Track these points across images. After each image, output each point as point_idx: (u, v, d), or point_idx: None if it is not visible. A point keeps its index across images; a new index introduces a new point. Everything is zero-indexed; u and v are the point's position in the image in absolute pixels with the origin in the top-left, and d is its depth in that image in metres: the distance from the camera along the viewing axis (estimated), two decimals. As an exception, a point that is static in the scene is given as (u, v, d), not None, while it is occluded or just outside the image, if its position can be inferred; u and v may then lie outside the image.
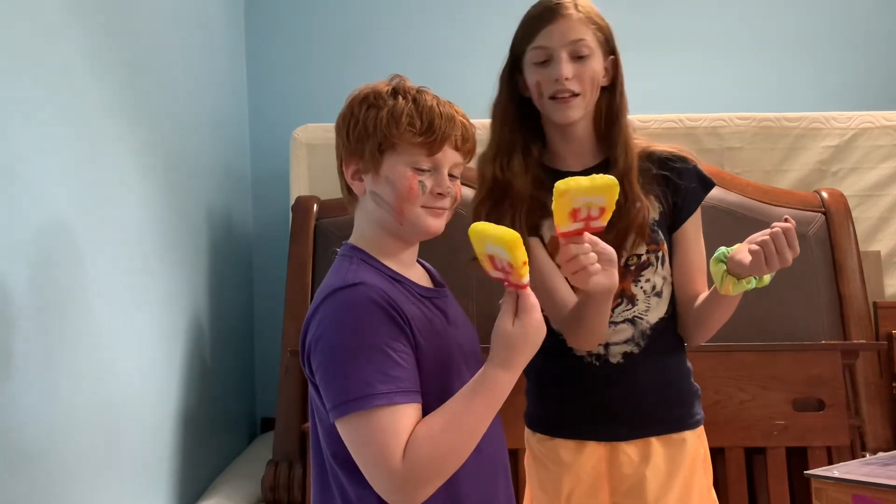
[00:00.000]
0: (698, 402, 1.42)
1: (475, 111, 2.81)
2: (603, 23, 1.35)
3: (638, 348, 1.36)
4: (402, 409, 0.97)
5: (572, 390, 1.37)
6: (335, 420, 0.99)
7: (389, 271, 1.08)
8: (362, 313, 0.99)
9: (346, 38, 2.68)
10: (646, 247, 1.35)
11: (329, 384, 0.99)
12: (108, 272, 1.48)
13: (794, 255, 1.19)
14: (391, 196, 1.06)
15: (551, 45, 1.31)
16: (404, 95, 1.07)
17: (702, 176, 1.40)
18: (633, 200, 1.32)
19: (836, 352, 2.06)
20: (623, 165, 1.33)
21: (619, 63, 1.37)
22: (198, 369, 1.99)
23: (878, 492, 1.26)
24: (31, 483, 1.19)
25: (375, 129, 1.05)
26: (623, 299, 1.35)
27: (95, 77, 1.48)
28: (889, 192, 2.41)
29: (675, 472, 1.34)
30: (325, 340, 1.00)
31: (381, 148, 1.05)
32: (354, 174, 1.09)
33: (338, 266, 1.09)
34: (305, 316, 1.06)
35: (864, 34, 2.67)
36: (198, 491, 1.97)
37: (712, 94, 2.63)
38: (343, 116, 1.10)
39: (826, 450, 2.01)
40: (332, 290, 1.02)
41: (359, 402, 0.95)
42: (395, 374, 0.97)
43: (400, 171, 1.06)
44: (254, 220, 2.63)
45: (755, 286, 1.24)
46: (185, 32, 2.06)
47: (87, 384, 1.38)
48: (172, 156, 1.88)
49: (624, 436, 1.35)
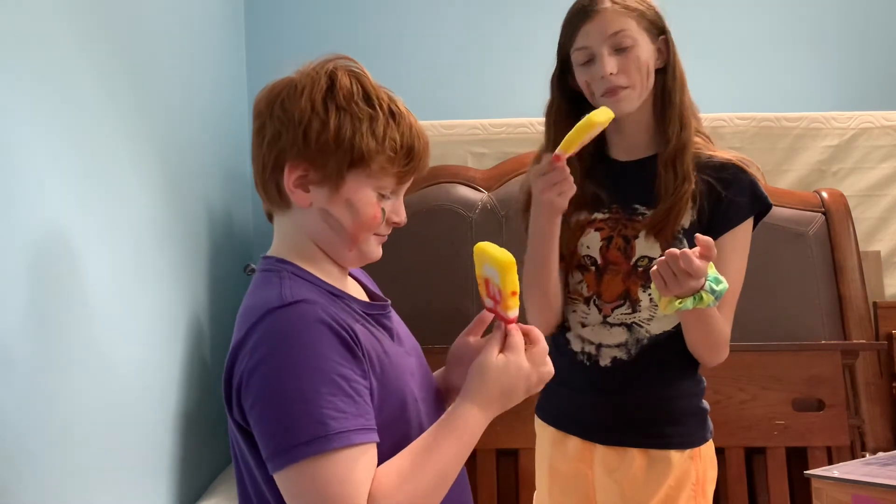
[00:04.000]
0: (699, 424, 1.35)
1: (475, 111, 2.80)
2: (644, 6, 1.31)
3: (628, 356, 1.33)
4: (361, 451, 0.80)
5: (564, 386, 1.36)
6: (274, 472, 0.81)
7: (327, 286, 0.93)
8: (307, 337, 0.82)
9: (347, 39, 2.68)
10: (660, 251, 1.29)
11: (268, 426, 0.81)
12: (107, 272, 1.48)
13: (695, 280, 1.09)
14: (349, 221, 0.93)
15: (591, 43, 1.30)
16: (379, 104, 0.92)
17: (756, 191, 1.29)
18: (683, 179, 1.27)
19: (836, 352, 2.07)
20: (676, 142, 1.29)
21: (669, 42, 1.33)
22: (198, 369, 1.99)
23: (878, 492, 1.26)
24: (31, 483, 1.19)
25: (351, 144, 0.89)
26: (626, 301, 1.32)
27: (95, 77, 1.48)
28: (889, 192, 2.41)
29: (656, 489, 1.30)
30: (261, 372, 0.81)
31: (350, 165, 0.90)
32: (299, 181, 0.91)
33: (263, 283, 0.92)
34: (231, 344, 0.87)
35: (864, 34, 2.67)
36: (198, 491, 1.96)
37: (712, 94, 2.63)
38: (296, 109, 0.90)
39: (826, 450, 2.02)
40: (267, 310, 0.84)
41: (308, 447, 0.78)
42: (347, 410, 0.80)
43: (366, 197, 0.92)
44: (254, 220, 2.62)
45: (695, 306, 1.13)
46: (185, 32, 2.06)
47: (87, 384, 1.38)
48: (172, 156, 1.88)
49: (602, 439, 1.35)
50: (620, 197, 1.36)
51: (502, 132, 2.45)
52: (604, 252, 1.34)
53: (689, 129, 1.30)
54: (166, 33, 1.90)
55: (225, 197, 2.33)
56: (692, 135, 1.31)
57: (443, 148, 2.42)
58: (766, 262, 2.21)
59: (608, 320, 1.34)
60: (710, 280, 1.11)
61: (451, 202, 2.31)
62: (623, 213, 1.34)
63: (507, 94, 2.59)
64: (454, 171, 2.37)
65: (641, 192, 1.33)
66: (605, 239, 1.35)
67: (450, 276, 2.21)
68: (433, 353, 1.97)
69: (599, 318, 1.35)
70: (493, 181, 2.34)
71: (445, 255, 2.25)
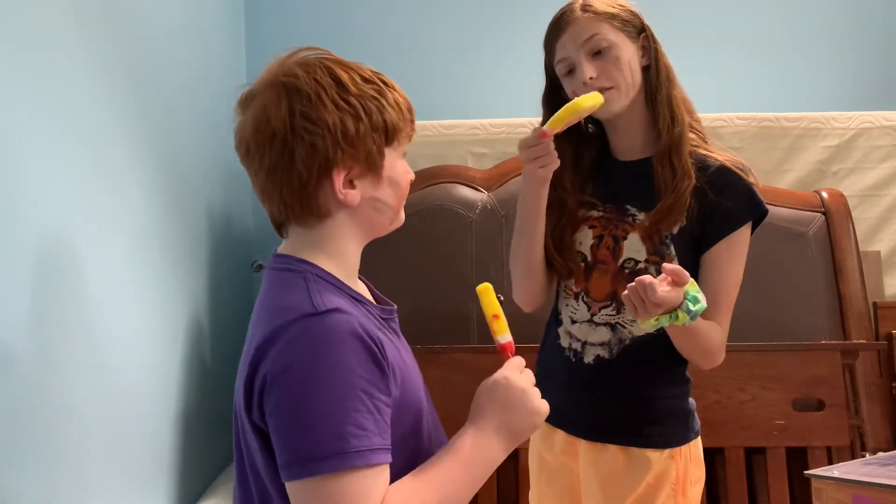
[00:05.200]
0: (680, 424, 1.34)
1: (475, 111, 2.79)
2: (618, 9, 1.32)
3: (610, 355, 1.34)
4: (378, 472, 0.80)
5: (551, 380, 1.39)
6: (289, 480, 0.80)
7: (349, 290, 0.91)
8: (341, 349, 0.80)
9: (347, 39, 2.68)
10: (646, 254, 1.31)
11: (288, 434, 0.80)
12: (107, 272, 1.48)
13: (662, 308, 1.12)
14: (393, 197, 0.94)
15: (568, 53, 1.32)
16: (373, 78, 0.92)
17: (753, 198, 1.27)
18: (683, 175, 1.26)
19: (836, 352, 2.07)
20: (668, 137, 1.29)
21: (651, 38, 1.33)
22: (198, 369, 1.99)
23: (878, 492, 1.26)
24: (32, 482, 1.19)
25: (384, 123, 0.90)
26: (612, 302, 1.34)
27: (95, 77, 1.48)
28: (889, 192, 2.41)
29: (634, 486, 1.31)
30: (290, 378, 0.80)
31: (387, 143, 0.91)
32: (346, 182, 0.90)
33: (286, 283, 0.89)
34: (254, 342, 0.85)
35: (864, 34, 2.67)
36: (198, 491, 1.96)
37: (712, 94, 2.63)
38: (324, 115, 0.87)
39: (826, 450, 2.02)
40: (300, 315, 0.82)
41: (328, 462, 0.77)
42: (369, 428, 0.79)
43: (400, 167, 0.94)
44: (254, 220, 2.62)
45: (671, 324, 1.15)
46: (185, 32, 2.06)
47: (87, 384, 1.38)
48: (172, 156, 1.88)
49: (584, 434, 1.37)
50: (615, 197, 1.37)
51: (502, 132, 2.45)
52: (594, 250, 1.37)
53: (681, 124, 1.30)
54: (166, 33, 1.90)
55: (225, 197, 2.33)
56: (686, 130, 1.30)
57: (443, 148, 2.42)
58: (766, 262, 2.21)
59: (594, 319, 1.36)
60: (688, 299, 1.12)
61: (451, 202, 2.30)
62: (615, 213, 1.36)
63: (507, 94, 2.58)
64: (454, 171, 2.37)
65: (634, 193, 1.34)
66: (596, 237, 1.37)
67: (450, 276, 2.21)
68: (433, 353, 1.98)
69: (587, 315, 1.37)
70: (493, 181, 2.34)
71: (445, 255, 2.25)
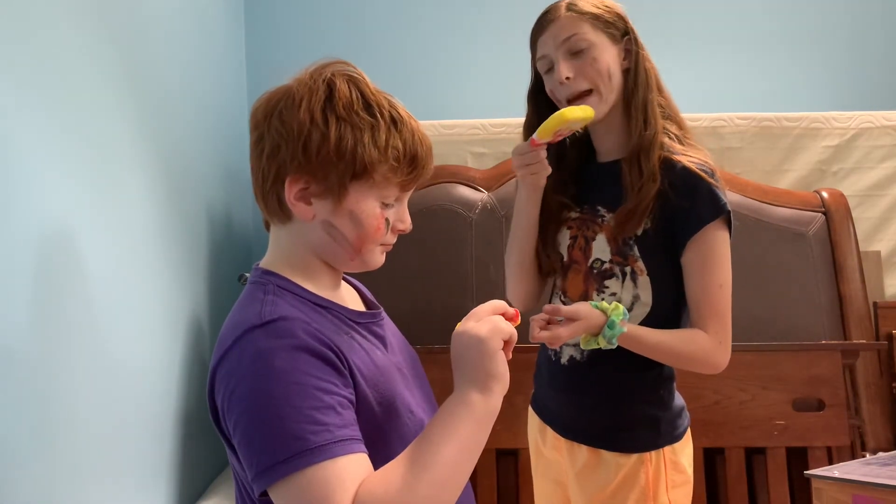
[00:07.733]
0: (650, 430, 1.31)
1: (475, 111, 2.79)
2: (602, 10, 1.32)
3: (581, 356, 1.36)
4: (346, 462, 0.77)
5: (541, 377, 1.48)
6: (260, 495, 0.79)
7: (314, 297, 0.91)
8: (283, 354, 0.79)
9: (347, 38, 2.68)
10: (610, 255, 1.32)
11: (248, 450, 0.79)
12: (107, 272, 1.48)
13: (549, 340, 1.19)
14: (353, 233, 0.90)
15: (548, 51, 1.33)
16: (380, 112, 0.89)
17: (713, 198, 1.26)
18: (648, 178, 1.26)
19: (836, 352, 2.07)
20: (638, 140, 1.29)
21: (634, 40, 1.33)
22: (198, 369, 1.99)
23: (878, 492, 1.26)
24: (31, 482, 1.19)
25: (353, 156, 0.86)
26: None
27: (94, 78, 1.48)
28: (889, 192, 2.41)
29: (602, 487, 1.32)
30: (239, 395, 0.79)
31: (353, 177, 0.88)
32: (301, 194, 0.89)
33: (249, 298, 0.89)
34: (211, 362, 0.85)
35: (864, 34, 2.67)
36: (198, 491, 1.96)
37: (712, 94, 2.63)
38: (295, 121, 0.87)
39: (826, 450, 2.02)
40: (246, 329, 0.82)
41: (287, 465, 0.75)
42: (330, 422, 0.78)
43: (369, 208, 0.90)
44: (254, 220, 2.62)
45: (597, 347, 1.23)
46: (185, 32, 2.06)
47: (87, 384, 1.38)
48: (172, 156, 1.88)
49: (562, 432, 1.41)
50: (589, 198, 1.39)
51: (502, 132, 2.45)
52: (570, 251, 1.40)
53: (653, 128, 1.29)
54: (166, 33, 1.90)
55: (225, 197, 2.33)
56: (658, 134, 1.29)
57: (443, 148, 2.42)
58: (766, 262, 2.21)
59: None
60: (607, 324, 1.21)
61: (451, 202, 2.31)
62: (589, 215, 1.38)
63: (507, 94, 2.58)
64: (454, 171, 2.37)
65: (606, 194, 1.35)
66: (572, 238, 1.40)
67: (450, 275, 2.21)
68: (433, 354, 1.98)
69: None
70: (493, 181, 2.34)
71: (445, 254, 2.25)
